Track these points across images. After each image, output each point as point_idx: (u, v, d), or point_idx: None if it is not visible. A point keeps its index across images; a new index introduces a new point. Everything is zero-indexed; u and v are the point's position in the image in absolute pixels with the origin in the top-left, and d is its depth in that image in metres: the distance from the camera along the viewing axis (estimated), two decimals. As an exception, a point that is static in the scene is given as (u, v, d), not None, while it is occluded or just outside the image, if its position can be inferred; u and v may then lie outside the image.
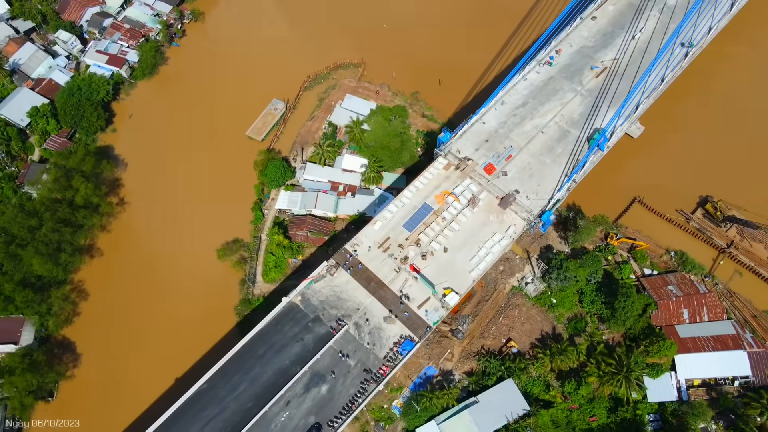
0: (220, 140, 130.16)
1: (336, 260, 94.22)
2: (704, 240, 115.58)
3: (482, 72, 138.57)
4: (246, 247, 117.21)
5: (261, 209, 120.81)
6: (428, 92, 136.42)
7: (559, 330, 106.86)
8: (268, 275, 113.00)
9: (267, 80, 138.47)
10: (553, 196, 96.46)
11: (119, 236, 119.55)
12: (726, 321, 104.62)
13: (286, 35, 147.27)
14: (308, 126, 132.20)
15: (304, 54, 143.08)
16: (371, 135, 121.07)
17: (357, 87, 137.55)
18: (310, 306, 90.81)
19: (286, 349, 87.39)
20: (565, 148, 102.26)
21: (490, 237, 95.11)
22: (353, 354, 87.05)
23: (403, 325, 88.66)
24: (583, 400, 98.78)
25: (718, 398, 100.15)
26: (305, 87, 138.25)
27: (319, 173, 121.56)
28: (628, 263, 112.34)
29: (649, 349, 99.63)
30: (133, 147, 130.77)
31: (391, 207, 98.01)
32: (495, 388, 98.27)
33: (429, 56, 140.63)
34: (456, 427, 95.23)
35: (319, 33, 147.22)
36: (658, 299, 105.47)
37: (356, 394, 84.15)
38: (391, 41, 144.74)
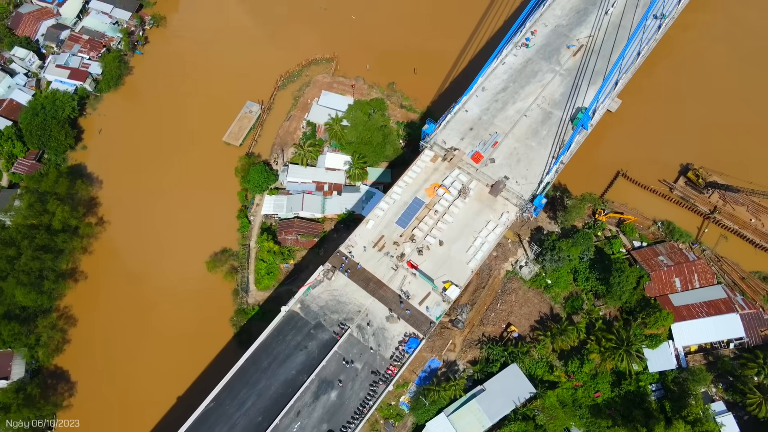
0: (197, 148, 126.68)
1: (332, 264, 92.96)
2: (689, 208, 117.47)
3: (456, 57, 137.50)
4: (235, 256, 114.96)
5: (246, 216, 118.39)
6: (404, 82, 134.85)
7: (556, 310, 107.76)
8: (261, 283, 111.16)
9: (238, 82, 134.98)
10: (542, 180, 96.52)
11: (102, 257, 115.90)
12: (717, 286, 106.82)
13: (253, 35, 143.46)
14: (286, 126, 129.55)
15: (274, 53, 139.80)
16: (352, 131, 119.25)
17: (332, 82, 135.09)
18: (310, 313, 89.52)
19: (290, 358, 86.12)
20: (549, 130, 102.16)
21: (484, 226, 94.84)
22: (359, 357, 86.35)
23: (406, 323, 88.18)
24: (587, 377, 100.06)
25: (716, 362, 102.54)
26: (279, 86, 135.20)
27: (302, 174, 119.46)
28: (618, 237, 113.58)
29: (646, 321, 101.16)
30: (106, 163, 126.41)
31: (382, 205, 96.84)
32: (500, 375, 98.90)
33: (401, 45, 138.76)
34: (465, 417, 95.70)
35: (287, 30, 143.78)
36: (650, 271, 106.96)
37: (366, 397, 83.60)
38: (361, 33, 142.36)
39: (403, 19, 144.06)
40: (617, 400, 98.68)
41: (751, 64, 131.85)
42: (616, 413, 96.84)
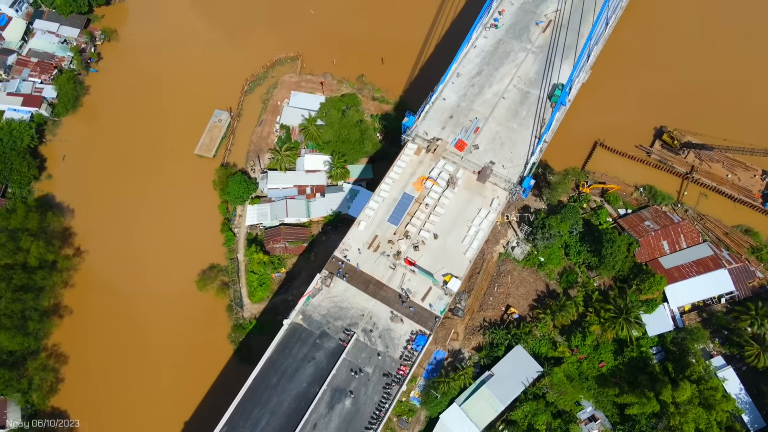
0: (169, 164, 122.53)
1: (329, 270, 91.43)
2: (667, 170, 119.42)
3: (422, 43, 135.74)
4: (224, 271, 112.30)
5: (231, 229, 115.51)
6: (373, 73, 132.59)
7: (552, 287, 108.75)
8: (255, 295, 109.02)
9: (203, 91, 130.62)
10: (528, 161, 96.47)
11: (85, 289, 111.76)
12: (703, 244, 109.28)
13: (211, 39, 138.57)
14: (258, 132, 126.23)
15: (236, 56, 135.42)
16: (328, 130, 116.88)
17: (299, 81, 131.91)
18: (313, 322, 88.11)
19: (299, 372, 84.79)
20: (528, 109, 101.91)
21: (477, 213, 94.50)
22: (368, 361, 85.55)
23: (411, 321, 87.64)
24: (590, 348, 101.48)
25: (710, 318, 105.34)
26: (245, 91, 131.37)
27: (282, 180, 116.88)
28: (603, 208, 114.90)
29: (641, 287, 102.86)
30: (75, 190, 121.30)
31: (371, 204, 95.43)
32: (506, 358, 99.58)
33: (365, 36, 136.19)
34: (478, 404, 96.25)
35: (247, 31, 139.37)
36: (638, 237, 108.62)
37: (381, 400, 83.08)
38: (322, 27, 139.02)
39: (363, 9, 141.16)
40: (621, 368, 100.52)
41: (712, 23, 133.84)
42: (622, 380, 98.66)
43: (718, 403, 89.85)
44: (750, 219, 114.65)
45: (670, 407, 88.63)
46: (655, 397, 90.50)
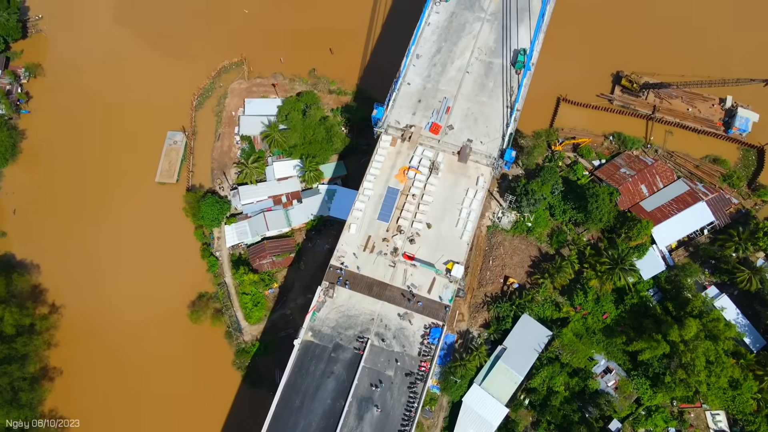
0: (131, 197, 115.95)
1: (328, 280, 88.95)
2: (631, 114, 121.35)
3: (367, 28, 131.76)
4: (215, 297, 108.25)
5: (212, 254, 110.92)
6: (324, 66, 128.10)
7: (545, 249, 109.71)
8: (252, 317, 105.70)
9: (150, 114, 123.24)
10: (505, 133, 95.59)
11: (71, 346, 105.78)
12: (678, 181, 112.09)
13: (146, 58, 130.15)
14: (219, 147, 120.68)
15: (177, 71, 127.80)
16: (292, 134, 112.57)
17: (250, 87, 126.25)
18: (324, 337, 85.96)
19: (321, 389, 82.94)
20: (495, 80, 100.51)
21: (465, 195, 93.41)
22: (388, 364, 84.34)
23: (422, 315, 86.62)
24: (591, 303, 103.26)
25: (697, 251, 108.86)
26: (195, 107, 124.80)
27: (255, 193, 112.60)
28: (578, 162, 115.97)
29: (629, 234, 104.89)
30: (34, 243, 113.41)
31: (357, 205, 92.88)
32: (515, 329, 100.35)
33: (306, 29, 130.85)
34: (497, 379, 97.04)
35: (182, 44, 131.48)
36: (617, 185, 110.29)
37: (409, 400, 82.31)
38: (260, 26, 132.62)
39: (297, 1, 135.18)
40: (624, 316, 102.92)
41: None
42: (627, 327, 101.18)
43: (722, 332, 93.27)
44: (716, 148, 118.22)
45: (679, 346, 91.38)
46: (664, 338, 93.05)
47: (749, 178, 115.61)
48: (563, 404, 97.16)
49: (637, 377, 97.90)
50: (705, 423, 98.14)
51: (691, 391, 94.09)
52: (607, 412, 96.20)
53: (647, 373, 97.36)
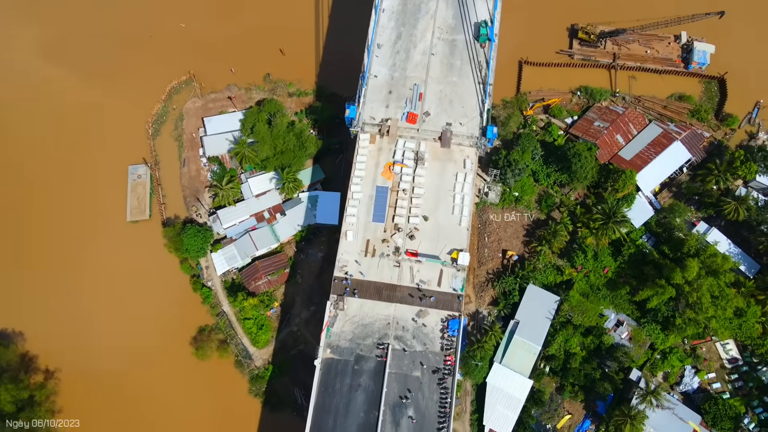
0: (105, 243, 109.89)
1: (336, 293, 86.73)
2: (593, 65, 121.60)
3: (314, 21, 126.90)
4: (216, 329, 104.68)
5: (203, 285, 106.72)
6: (278, 69, 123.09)
7: (536, 216, 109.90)
8: (259, 341, 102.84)
9: (105, 151, 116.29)
10: (482, 110, 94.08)
11: (77, 409, 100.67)
12: (650, 125, 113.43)
13: (87, 92, 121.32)
14: (186, 173, 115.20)
15: (124, 101, 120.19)
16: (263, 146, 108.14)
17: (205, 104, 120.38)
18: (344, 351, 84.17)
19: (351, 404, 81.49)
20: (462, 57, 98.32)
21: (455, 180, 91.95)
22: (413, 366, 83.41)
23: (437, 309, 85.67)
24: (591, 261, 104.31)
25: (679, 190, 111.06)
26: (152, 135, 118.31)
27: (235, 214, 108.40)
28: (552, 123, 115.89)
29: (615, 186, 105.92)
30: (11, 311, 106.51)
31: (349, 211, 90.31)
32: (524, 300, 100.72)
33: (250, 33, 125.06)
34: (516, 354, 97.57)
35: (123, 70, 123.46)
36: (594, 140, 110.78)
37: (441, 397, 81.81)
38: (200, 38, 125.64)
39: (234, 4, 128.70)
40: (624, 267, 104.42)
41: None
42: (629, 278, 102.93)
43: (721, 266, 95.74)
44: (679, 85, 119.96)
45: (684, 288, 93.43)
46: (668, 283, 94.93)
47: (715, 109, 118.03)
48: (582, 364, 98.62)
49: (648, 324, 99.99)
50: (717, 354, 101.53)
51: (701, 328, 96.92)
52: (625, 364, 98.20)
53: (656, 318, 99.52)
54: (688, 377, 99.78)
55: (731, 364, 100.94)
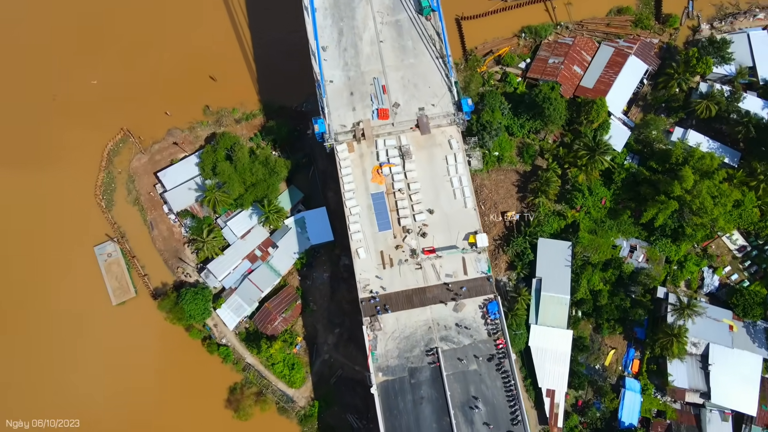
0: (100, 336, 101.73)
1: (367, 315, 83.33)
2: (528, 2, 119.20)
3: (236, 37, 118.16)
4: (248, 383, 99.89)
5: (218, 344, 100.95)
6: (215, 97, 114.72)
7: (522, 169, 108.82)
8: (296, 381, 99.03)
9: (61, 239, 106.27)
10: (450, 84, 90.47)
11: None
12: (601, 47, 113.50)
13: (15, 181, 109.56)
14: (158, 236, 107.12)
15: (59, 180, 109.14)
16: (232, 185, 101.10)
17: (152, 157, 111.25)
18: (395, 369, 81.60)
19: (420, 418, 79.67)
20: (411, 37, 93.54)
21: (447, 164, 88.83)
22: (467, 360, 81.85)
23: (472, 298, 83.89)
24: (589, 198, 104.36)
25: (646, 103, 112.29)
26: (106, 207, 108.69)
27: (226, 263, 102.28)
28: (508, 73, 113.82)
29: (589, 118, 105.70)
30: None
31: (352, 228, 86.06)
32: (539, 256, 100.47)
33: (173, 68, 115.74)
34: (548, 311, 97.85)
35: (50, 145, 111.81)
36: (554, 78, 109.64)
37: (505, 381, 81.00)
38: (119, 89, 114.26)
39: (145, 45, 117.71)
40: (619, 193, 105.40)
41: None
42: (626, 202, 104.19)
43: (711, 166, 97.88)
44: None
45: (686, 197, 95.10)
46: (668, 197, 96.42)
47: (654, 13, 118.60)
48: (611, 298, 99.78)
49: (659, 241, 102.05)
50: (726, 248, 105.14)
51: (708, 230, 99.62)
52: (649, 285, 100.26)
53: (665, 233, 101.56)
54: (708, 278, 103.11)
55: (741, 253, 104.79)
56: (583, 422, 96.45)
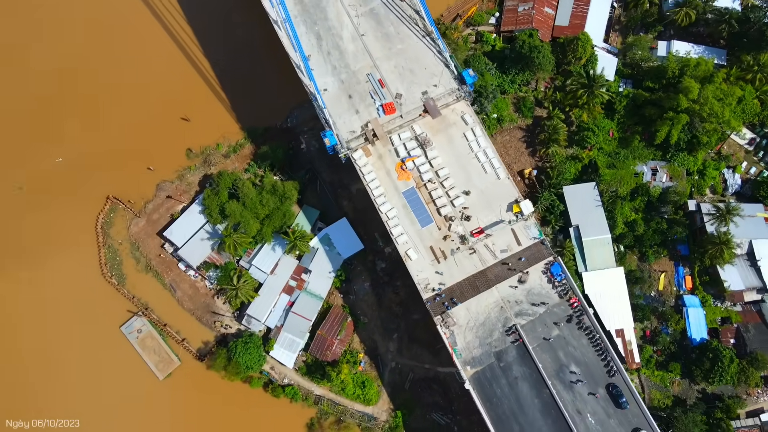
0: (161, 415, 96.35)
1: (437, 313, 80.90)
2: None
3: (191, 67, 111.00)
4: (324, 414, 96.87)
5: (281, 386, 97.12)
6: (195, 138, 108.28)
7: (525, 124, 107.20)
8: (371, 398, 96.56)
9: (83, 328, 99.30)
10: (446, 60, 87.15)
11: None
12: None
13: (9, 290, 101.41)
14: (183, 297, 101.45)
15: (56, 270, 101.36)
16: (248, 223, 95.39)
17: (149, 219, 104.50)
18: (481, 359, 79.94)
19: (520, 399, 78.64)
20: (391, 21, 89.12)
21: (467, 141, 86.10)
22: (548, 327, 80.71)
23: (533, 266, 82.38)
24: (598, 133, 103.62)
25: (621, 25, 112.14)
26: (118, 284, 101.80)
27: (265, 303, 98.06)
28: (482, 33, 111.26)
29: (577, 56, 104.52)
30: None
31: (395, 232, 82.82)
32: (569, 204, 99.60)
33: (141, 121, 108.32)
34: (594, 254, 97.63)
35: (24, 239, 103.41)
36: (530, 25, 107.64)
37: (589, 338, 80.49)
38: (93, 159, 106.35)
39: (104, 110, 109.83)
40: (624, 120, 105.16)
41: None
42: (633, 127, 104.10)
43: (707, 71, 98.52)
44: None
45: (694, 107, 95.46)
46: (676, 112, 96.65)
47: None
48: (647, 224, 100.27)
49: (676, 156, 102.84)
50: (737, 145, 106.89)
51: (719, 133, 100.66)
52: (679, 201, 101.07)
53: (680, 147, 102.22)
54: (730, 178, 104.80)
55: (752, 146, 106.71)
56: (657, 350, 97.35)
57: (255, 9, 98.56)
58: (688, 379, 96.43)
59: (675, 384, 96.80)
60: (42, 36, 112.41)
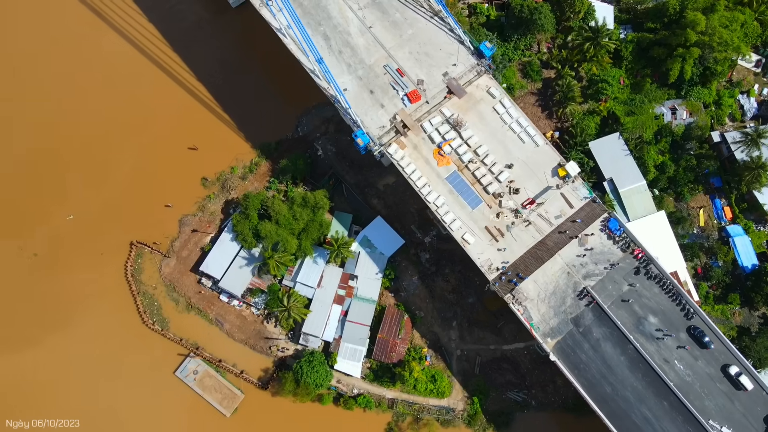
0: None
1: (506, 292, 79.50)
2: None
3: (188, 94, 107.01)
4: (401, 415, 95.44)
5: (353, 397, 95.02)
6: (207, 166, 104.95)
7: (535, 88, 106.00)
8: (444, 390, 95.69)
9: (139, 382, 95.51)
10: (460, 36, 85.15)
11: None
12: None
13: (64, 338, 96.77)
14: (232, 329, 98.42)
15: (95, 329, 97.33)
16: (287, 240, 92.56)
17: (179, 256, 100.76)
18: (559, 328, 79.24)
19: (606, 359, 78.12)
20: (397, 8, 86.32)
21: (498, 114, 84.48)
22: (618, 283, 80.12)
23: (589, 227, 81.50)
24: (614, 84, 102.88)
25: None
26: (162, 330, 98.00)
27: (318, 319, 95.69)
28: (473, 4, 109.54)
29: (576, 9, 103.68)
30: None
31: (447, 219, 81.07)
32: (598, 158, 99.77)
33: (145, 159, 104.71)
34: (633, 202, 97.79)
35: (53, 301, 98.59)
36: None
37: (660, 286, 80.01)
38: (105, 208, 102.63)
39: (105, 157, 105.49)
40: (632, 66, 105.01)
41: None
42: (642, 70, 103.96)
43: (708, 2, 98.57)
44: None
45: (704, 39, 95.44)
46: (686, 48, 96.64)
47: None
48: (676, 163, 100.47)
49: (691, 91, 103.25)
50: (745, 69, 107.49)
51: (729, 60, 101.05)
52: (703, 135, 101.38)
53: (692, 82, 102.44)
54: (746, 103, 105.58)
55: (758, 67, 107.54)
56: (712, 285, 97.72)
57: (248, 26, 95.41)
58: (747, 307, 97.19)
59: (736, 314, 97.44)
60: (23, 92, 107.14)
